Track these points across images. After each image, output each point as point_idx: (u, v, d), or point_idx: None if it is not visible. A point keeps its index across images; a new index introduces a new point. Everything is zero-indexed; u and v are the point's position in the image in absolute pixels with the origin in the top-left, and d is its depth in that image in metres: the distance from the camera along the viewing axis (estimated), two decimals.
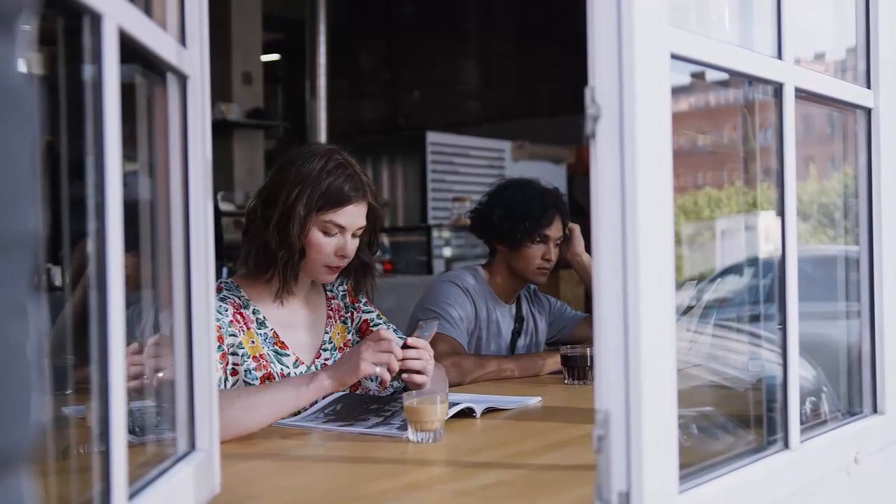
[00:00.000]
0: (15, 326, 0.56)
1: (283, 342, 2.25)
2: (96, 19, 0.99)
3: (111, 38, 1.00)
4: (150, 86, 1.31)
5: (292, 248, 2.19)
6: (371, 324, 2.44)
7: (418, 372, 2.14)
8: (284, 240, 2.18)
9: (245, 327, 2.19)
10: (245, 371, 2.15)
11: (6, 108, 0.56)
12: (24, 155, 0.57)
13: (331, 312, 2.39)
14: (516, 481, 1.60)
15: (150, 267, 1.34)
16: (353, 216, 2.22)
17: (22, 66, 0.59)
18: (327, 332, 2.36)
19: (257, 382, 2.16)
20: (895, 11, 1.84)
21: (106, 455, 0.99)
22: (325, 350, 2.34)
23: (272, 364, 2.20)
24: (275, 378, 2.18)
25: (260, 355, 2.19)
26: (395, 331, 2.41)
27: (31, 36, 0.63)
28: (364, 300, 2.47)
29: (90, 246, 0.99)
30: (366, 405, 2.14)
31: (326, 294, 2.42)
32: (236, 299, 2.22)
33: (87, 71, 1.00)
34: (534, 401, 2.35)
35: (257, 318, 2.24)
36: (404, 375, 2.13)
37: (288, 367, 2.23)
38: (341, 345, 2.37)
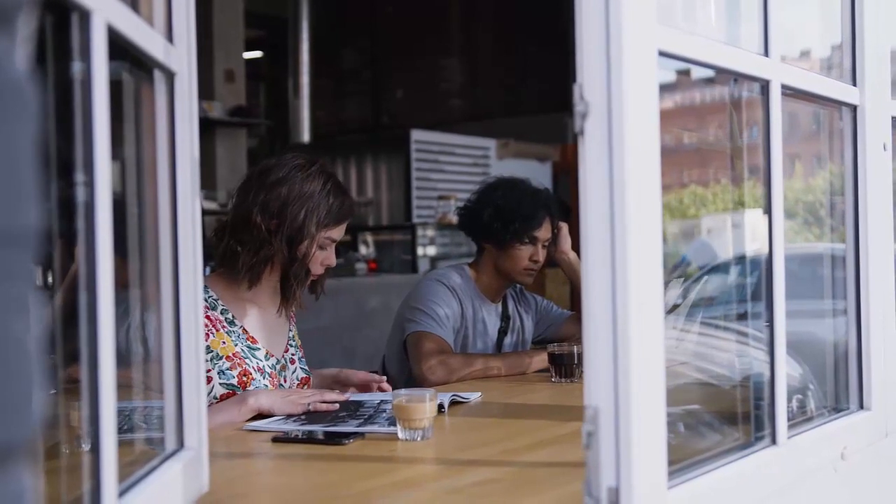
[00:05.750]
0: (18, 321, 0.57)
1: (252, 337, 2.31)
2: (85, 15, 0.98)
3: (100, 34, 1.00)
4: (136, 83, 1.30)
5: (303, 265, 2.27)
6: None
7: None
8: (294, 257, 2.25)
9: (214, 328, 2.22)
10: (219, 373, 2.18)
11: (8, 104, 0.56)
12: (26, 150, 0.57)
13: (292, 313, 2.48)
14: (505, 478, 1.60)
15: (136, 266, 1.33)
16: (344, 230, 2.35)
17: (22, 63, 0.59)
18: (291, 330, 2.46)
19: (234, 381, 2.21)
20: (881, 9, 1.85)
21: (96, 453, 0.99)
22: (290, 346, 2.44)
23: (247, 360, 2.26)
24: (251, 373, 2.25)
25: (233, 354, 2.25)
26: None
27: (31, 32, 0.63)
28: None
29: (79, 245, 0.99)
30: (340, 408, 2.14)
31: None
32: (203, 301, 2.23)
33: (76, 67, 1.00)
34: (474, 396, 2.36)
35: (226, 318, 2.28)
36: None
37: (261, 360, 2.30)
38: (299, 344, 2.49)
